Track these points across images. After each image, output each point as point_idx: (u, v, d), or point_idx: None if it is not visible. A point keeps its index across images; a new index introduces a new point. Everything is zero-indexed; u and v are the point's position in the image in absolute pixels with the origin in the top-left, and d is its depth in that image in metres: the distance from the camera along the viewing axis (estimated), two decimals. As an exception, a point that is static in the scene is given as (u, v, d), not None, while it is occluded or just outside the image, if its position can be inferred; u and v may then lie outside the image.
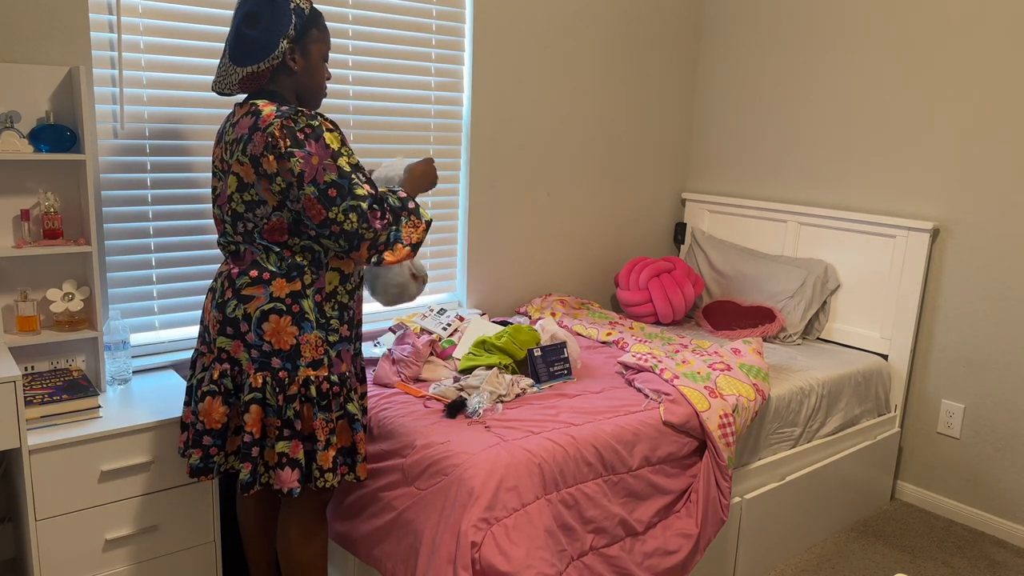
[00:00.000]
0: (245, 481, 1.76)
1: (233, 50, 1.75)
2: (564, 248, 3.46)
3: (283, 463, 1.76)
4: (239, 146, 1.71)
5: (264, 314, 1.74)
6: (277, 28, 1.72)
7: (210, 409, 1.79)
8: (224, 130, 1.81)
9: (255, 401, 1.75)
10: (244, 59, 1.73)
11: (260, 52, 1.72)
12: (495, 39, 3.02)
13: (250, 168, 1.69)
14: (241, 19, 1.74)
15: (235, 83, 1.76)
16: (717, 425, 2.22)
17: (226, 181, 1.77)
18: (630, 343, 2.84)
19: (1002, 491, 2.91)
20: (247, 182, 1.71)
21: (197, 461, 1.82)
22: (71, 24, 2.13)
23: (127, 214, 2.35)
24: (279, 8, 1.73)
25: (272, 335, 1.74)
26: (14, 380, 1.79)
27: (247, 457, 1.76)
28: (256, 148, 1.66)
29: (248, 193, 1.72)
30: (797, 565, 2.65)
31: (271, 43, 1.72)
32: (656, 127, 3.67)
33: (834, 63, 3.23)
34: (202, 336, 1.88)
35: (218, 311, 1.78)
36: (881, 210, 3.14)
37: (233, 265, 1.80)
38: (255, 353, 1.75)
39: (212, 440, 1.82)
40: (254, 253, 1.77)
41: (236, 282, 1.76)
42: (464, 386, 2.28)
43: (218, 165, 1.82)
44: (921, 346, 3.08)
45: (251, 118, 1.70)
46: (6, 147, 1.98)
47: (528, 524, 1.82)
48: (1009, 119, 2.77)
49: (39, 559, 1.90)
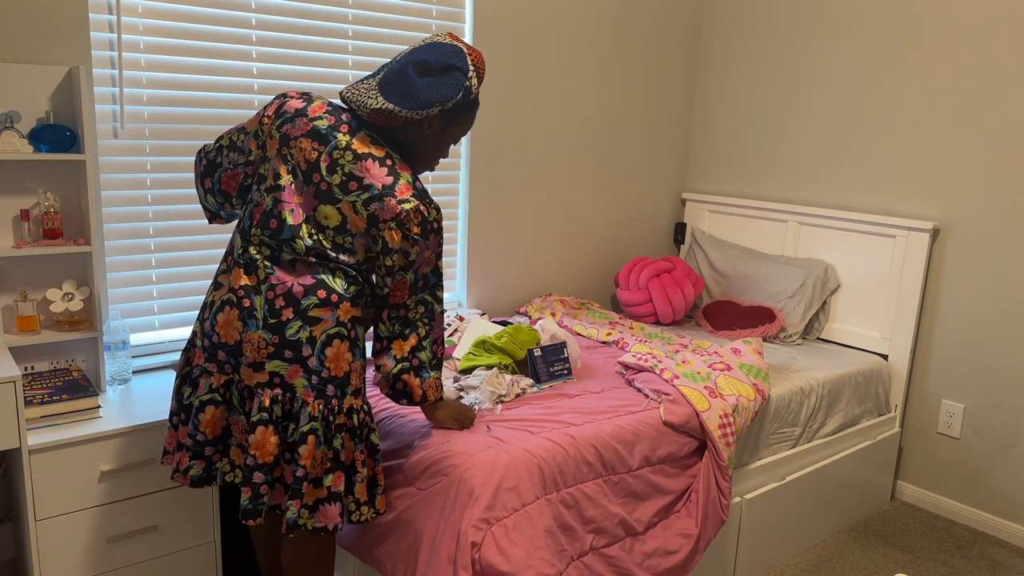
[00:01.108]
0: (292, 521, 1.65)
1: (387, 81, 1.70)
2: (564, 248, 3.46)
3: (328, 498, 1.67)
4: (361, 194, 1.65)
5: (329, 338, 1.65)
6: (440, 92, 1.69)
7: (264, 441, 1.64)
8: (322, 129, 1.70)
9: (312, 432, 1.64)
10: (392, 95, 1.68)
11: (410, 101, 1.68)
12: (495, 39, 3.02)
13: (363, 222, 1.66)
14: (415, 61, 1.70)
15: (367, 108, 1.69)
16: (717, 425, 2.22)
17: (318, 202, 1.67)
18: (630, 343, 2.84)
19: (1002, 491, 2.91)
20: (350, 229, 1.67)
21: (200, 472, 1.73)
22: (71, 24, 2.13)
23: (127, 214, 2.35)
24: (453, 78, 1.70)
25: (332, 360, 1.66)
26: (14, 380, 1.79)
27: (298, 495, 1.64)
28: (383, 213, 1.65)
29: (344, 238, 1.68)
30: (797, 565, 2.65)
31: (426, 102, 1.69)
32: (656, 127, 3.67)
33: (834, 63, 3.23)
34: (209, 353, 1.71)
35: (271, 332, 1.63)
36: (881, 210, 3.14)
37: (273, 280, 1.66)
38: (315, 379, 1.65)
39: (264, 475, 1.67)
40: (313, 267, 1.67)
41: (302, 302, 1.64)
42: (464, 386, 2.28)
43: (298, 160, 1.69)
44: (921, 346, 3.08)
45: (388, 177, 1.67)
46: (6, 147, 1.98)
47: (528, 524, 1.82)
48: (1009, 119, 2.77)
49: (39, 559, 1.90)
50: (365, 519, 1.76)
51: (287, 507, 1.66)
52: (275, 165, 1.71)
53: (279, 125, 1.73)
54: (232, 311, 1.67)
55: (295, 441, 1.66)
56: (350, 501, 1.74)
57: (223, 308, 1.69)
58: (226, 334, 1.68)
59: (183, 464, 1.74)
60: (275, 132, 1.73)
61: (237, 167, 1.79)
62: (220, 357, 1.70)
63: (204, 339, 1.72)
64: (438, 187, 3.02)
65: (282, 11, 2.51)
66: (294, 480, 1.65)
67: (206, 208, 1.91)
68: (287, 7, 2.52)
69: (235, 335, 1.67)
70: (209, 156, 1.84)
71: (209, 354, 1.71)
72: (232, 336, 1.67)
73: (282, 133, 1.72)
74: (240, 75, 2.47)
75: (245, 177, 1.80)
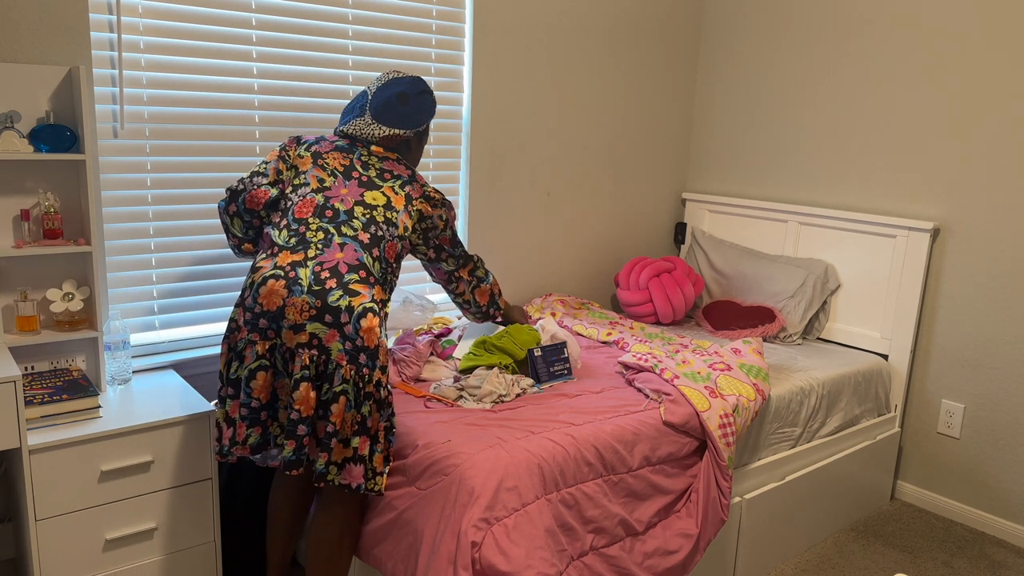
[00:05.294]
0: (320, 471, 1.82)
1: (381, 113, 2.14)
2: (564, 248, 3.46)
3: (355, 458, 1.84)
4: (396, 179, 2.10)
5: (365, 310, 1.84)
6: (425, 111, 2.20)
7: (306, 395, 1.82)
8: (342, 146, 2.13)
9: (343, 393, 1.82)
10: (393, 123, 2.14)
11: (408, 123, 2.16)
12: (495, 39, 3.02)
13: (403, 200, 2.08)
14: (396, 95, 2.16)
15: (376, 137, 2.14)
16: (717, 425, 2.22)
17: (363, 190, 2.04)
18: (630, 343, 2.84)
19: (1002, 491, 2.91)
20: (394, 206, 2.06)
21: (258, 439, 1.90)
22: (71, 24, 2.13)
23: (127, 214, 2.35)
24: (428, 97, 2.21)
25: (366, 331, 1.83)
26: (14, 380, 1.80)
27: (326, 448, 1.82)
28: (414, 191, 2.12)
29: (391, 212, 2.05)
30: (797, 565, 2.65)
31: (419, 121, 2.18)
32: (656, 127, 3.67)
33: (835, 63, 3.23)
34: (252, 324, 1.88)
35: (315, 297, 1.83)
36: (881, 210, 3.14)
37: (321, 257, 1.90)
38: (348, 345, 1.83)
39: (305, 429, 1.85)
40: (358, 251, 1.94)
41: (345, 276, 1.87)
42: (464, 386, 2.28)
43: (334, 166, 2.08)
44: (921, 346, 3.08)
45: (407, 171, 2.15)
46: (6, 147, 1.98)
47: (528, 524, 1.82)
48: (1010, 119, 2.77)
49: (39, 559, 1.90)
50: (378, 489, 1.89)
51: (316, 458, 1.84)
52: (315, 173, 2.07)
53: (306, 148, 2.13)
54: (278, 283, 1.86)
55: (327, 400, 1.82)
56: (369, 468, 1.87)
57: (265, 282, 1.87)
58: (269, 302, 1.85)
59: (240, 435, 1.89)
60: (304, 153, 2.12)
61: (262, 187, 2.09)
62: (261, 325, 1.86)
63: (247, 314, 1.89)
64: (438, 187, 3.02)
65: (282, 11, 2.51)
66: (325, 435, 1.82)
67: (233, 235, 2.14)
68: (287, 7, 2.52)
69: (278, 301, 1.84)
70: (231, 188, 2.12)
71: (251, 326, 1.88)
72: (275, 303, 1.84)
73: (312, 152, 2.11)
74: (240, 75, 2.47)
75: (271, 193, 2.08)
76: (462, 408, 2.19)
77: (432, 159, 2.98)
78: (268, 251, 1.96)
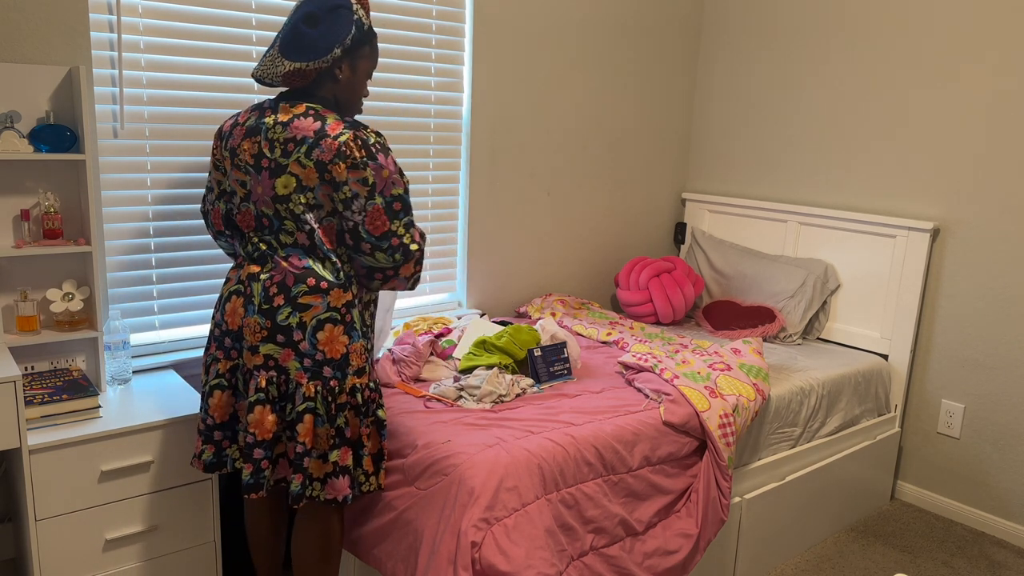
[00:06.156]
0: (296, 493, 1.77)
1: (285, 44, 1.77)
2: (564, 248, 3.46)
3: (336, 472, 1.79)
4: (300, 148, 1.71)
5: (320, 323, 1.75)
6: (335, 34, 1.76)
7: (261, 419, 1.76)
8: (251, 125, 1.80)
9: (308, 411, 1.75)
10: (295, 54, 1.75)
11: (312, 52, 1.75)
12: (495, 39, 3.02)
13: (313, 172, 1.72)
14: (301, 16, 1.77)
15: (279, 75, 1.77)
16: (717, 425, 2.22)
17: (273, 180, 1.75)
18: (630, 343, 2.84)
19: (1002, 491, 2.91)
20: (306, 185, 1.73)
21: (211, 457, 1.87)
22: (71, 24, 2.13)
23: (127, 214, 2.35)
24: (341, 16, 1.77)
25: (326, 344, 1.75)
26: (14, 380, 1.80)
27: (300, 469, 1.76)
28: (325, 155, 1.70)
29: (306, 195, 1.74)
30: (797, 565, 2.65)
31: (325, 46, 1.75)
32: (656, 127, 3.67)
33: (834, 63, 3.23)
34: (219, 341, 1.84)
35: (264, 317, 1.75)
36: (881, 210, 3.14)
37: (273, 270, 1.77)
38: (308, 362, 1.75)
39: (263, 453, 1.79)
40: (302, 259, 1.76)
41: (292, 289, 1.74)
42: (464, 386, 2.28)
43: (246, 160, 1.79)
44: (921, 346, 3.08)
45: (315, 122, 1.73)
46: (6, 147, 1.98)
47: (528, 524, 1.82)
48: (1010, 119, 2.77)
49: (39, 559, 1.90)
50: (373, 489, 1.88)
51: (291, 479, 1.78)
52: (236, 176, 1.84)
53: (225, 145, 1.88)
54: (238, 299, 1.81)
55: (292, 420, 1.77)
56: (359, 473, 1.85)
57: (230, 298, 1.83)
58: (232, 321, 1.82)
59: (197, 448, 1.88)
60: (225, 152, 1.87)
61: (214, 204, 1.95)
62: (227, 344, 1.84)
63: (216, 329, 1.87)
64: (438, 187, 3.02)
65: (282, 11, 2.51)
66: (295, 456, 1.77)
67: (228, 255, 2.06)
68: (287, 7, 2.52)
69: (238, 321, 1.81)
70: (202, 212, 2.02)
71: (218, 342, 1.85)
72: (236, 322, 1.81)
73: (229, 149, 1.86)
74: (240, 75, 2.47)
75: (221, 208, 1.92)
76: (462, 408, 2.19)
77: (432, 159, 2.98)
78: (236, 262, 1.91)
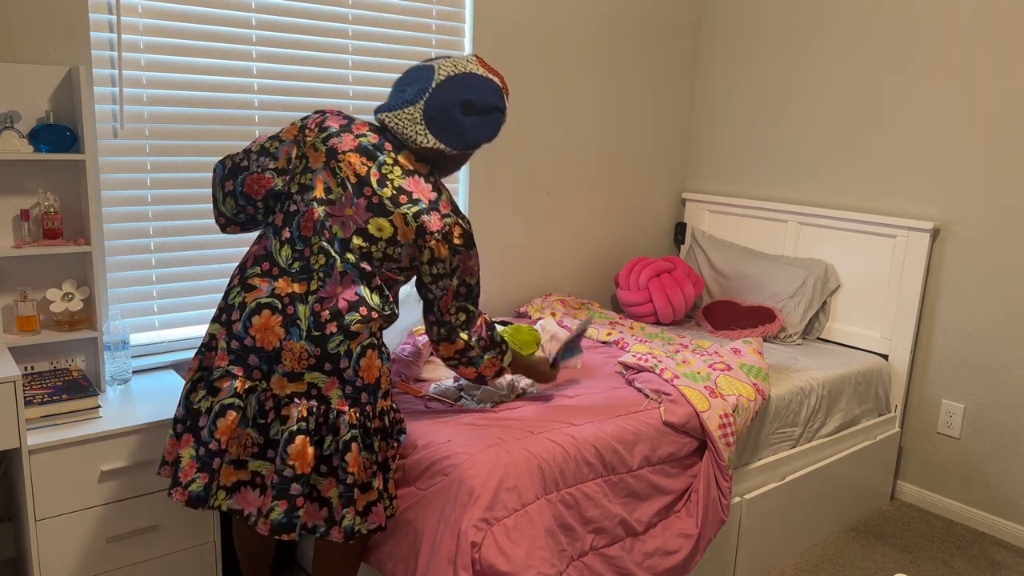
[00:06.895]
0: (348, 528, 1.69)
1: (434, 119, 1.76)
2: (564, 248, 3.46)
3: (378, 499, 1.75)
4: (411, 206, 1.73)
5: (363, 350, 1.70)
6: (484, 134, 1.82)
7: (303, 450, 1.64)
8: (367, 145, 1.76)
9: (354, 439, 1.68)
10: (443, 135, 1.78)
11: (458, 141, 1.79)
12: (495, 39, 3.02)
13: (413, 233, 1.74)
14: (461, 102, 1.77)
15: (417, 144, 1.78)
16: (717, 425, 2.22)
17: (369, 215, 1.71)
18: (630, 343, 2.84)
19: (1002, 491, 2.91)
20: (400, 240, 1.74)
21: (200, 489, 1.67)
22: (71, 24, 2.13)
23: (127, 214, 2.35)
24: (494, 121, 1.82)
25: (365, 370, 1.71)
26: (14, 380, 1.80)
27: (350, 502, 1.69)
28: (431, 225, 1.74)
29: (395, 249, 1.75)
30: (797, 565, 2.65)
31: (474, 143, 1.81)
32: (656, 127, 3.67)
33: (834, 63, 3.23)
34: (238, 355, 1.68)
35: (314, 344, 1.65)
36: (881, 210, 3.14)
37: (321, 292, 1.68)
38: (349, 389, 1.70)
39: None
40: (358, 286, 1.71)
41: (345, 317, 1.68)
42: (464, 386, 2.28)
43: (348, 173, 1.73)
44: (921, 346, 3.08)
45: (433, 192, 1.78)
46: (6, 147, 1.98)
47: (528, 524, 1.81)
48: (1010, 119, 2.77)
49: (39, 559, 1.90)
50: (394, 513, 1.86)
51: (342, 516, 1.70)
52: (324, 177, 1.74)
53: (324, 139, 1.77)
54: (274, 316, 1.67)
55: (330, 453, 1.69)
56: (386, 497, 1.82)
57: (260, 311, 1.68)
58: (263, 339, 1.67)
59: (185, 476, 1.67)
60: (320, 144, 1.76)
61: (266, 171, 1.80)
62: (251, 362, 1.68)
63: (232, 340, 1.69)
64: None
65: (282, 11, 2.51)
66: (345, 488, 1.69)
67: (222, 214, 1.90)
68: (287, 7, 2.52)
69: (275, 341, 1.66)
70: (235, 159, 1.86)
71: (236, 356, 1.69)
72: (271, 342, 1.66)
73: (328, 146, 1.76)
74: (240, 75, 2.47)
75: (275, 183, 1.80)
76: (462, 408, 2.19)
77: (432, 159, 2.98)
78: (263, 267, 1.72)
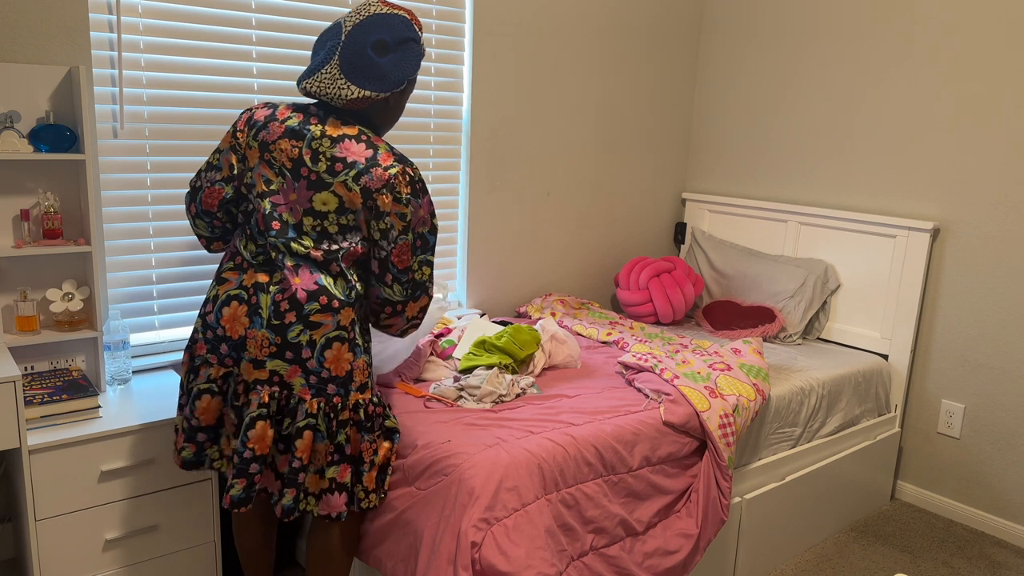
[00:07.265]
0: (288, 507, 1.75)
1: (350, 67, 1.74)
2: (564, 248, 3.46)
3: (332, 488, 1.78)
4: (348, 171, 1.72)
5: (329, 341, 1.74)
6: (405, 68, 1.78)
7: (263, 435, 1.73)
8: (294, 127, 1.76)
9: (309, 427, 1.74)
10: (364, 81, 1.75)
11: (381, 83, 1.76)
12: (495, 39, 3.02)
13: (359, 197, 1.72)
14: (371, 43, 1.75)
15: (343, 98, 1.75)
16: (717, 425, 2.22)
17: (312, 192, 1.73)
18: (630, 343, 2.84)
19: (1002, 491, 2.91)
20: (348, 207, 1.73)
21: (191, 455, 1.84)
22: (71, 24, 2.13)
23: (127, 214, 2.35)
24: (411, 50, 1.79)
25: (332, 362, 1.75)
26: (14, 380, 1.80)
27: (293, 483, 1.75)
28: (373, 183, 1.72)
29: (346, 217, 1.74)
30: (797, 565, 2.65)
31: (396, 79, 1.77)
32: (656, 127, 3.67)
33: (834, 63, 3.23)
34: (211, 344, 1.79)
35: (274, 333, 1.72)
36: (881, 210, 3.14)
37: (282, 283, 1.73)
38: (313, 379, 1.74)
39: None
40: (314, 273, 1.74)
41: (305, 307, 1.72)
42: (464, 386, 2.28)
43: (282, 160, 1.75)
44: (921, 346, 3.08)
45: (368, 150, 1.74)
46: (6, 147, 1.98)
47: (528, 524, 1.81)
48: (1010, 119, 2.77)
49: (39, 559, 1.90)
50: (373, 506, 1.87)
51: (282, 494, 1.77)
52: (262, 171, 1.78)
53: (254, 135, 1.80)
54: (240, 307, 1.76)
55: (290, 435, 1.76)
56: (359, 490, 1.84)
57: (229, 303, 1.77)
58: (231, 328, 1.76)
59: (178, 444, 1.85)
60: (252, 142, 1.80)
61: (215, 184, 1.86)
62: (222, 350, 1.79)
63: (207, 331, 1.80)
64: (438, 187, 3.02)
65: (282, 11, 2.51)
66: (289, 470, 1.75)
67: (200, 236, 1.97)
68: (287, 7, 2.52)
69: (240, 330, 1.75)
70: (192, 183, 1.92)
71: (211, 346, 1.80)
72: (237, 331, 1.76)
73: (259, 141, 1.79)
74: (240, 75, 2.47)
75: (225, 192, 1.85)
76: (462, 408, 2.19)
77: (432, 159, 2.98)
78: (235, 261, 1.82)
